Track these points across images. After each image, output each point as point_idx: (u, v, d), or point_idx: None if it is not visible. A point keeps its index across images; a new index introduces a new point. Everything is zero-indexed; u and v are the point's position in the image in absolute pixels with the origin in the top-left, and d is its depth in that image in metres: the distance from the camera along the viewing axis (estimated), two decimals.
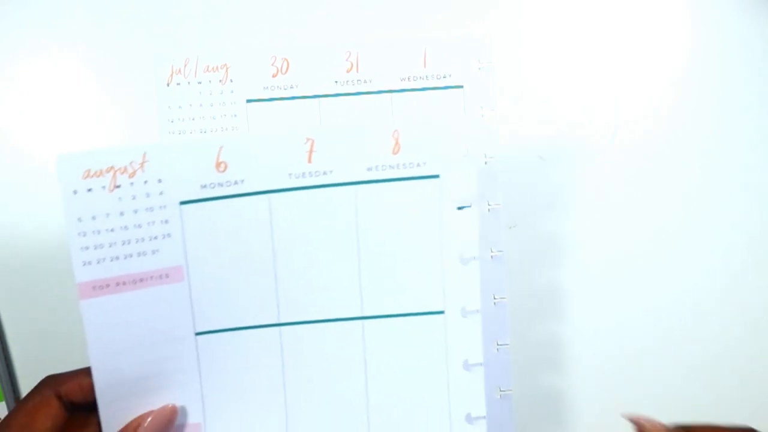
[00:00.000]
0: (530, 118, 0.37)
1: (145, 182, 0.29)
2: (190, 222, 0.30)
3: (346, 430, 0.33)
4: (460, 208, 0.32)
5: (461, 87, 0.35)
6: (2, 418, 0.36)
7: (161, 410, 0.31)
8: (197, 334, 0.31)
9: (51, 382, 0.30)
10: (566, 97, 0.38)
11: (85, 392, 0.30)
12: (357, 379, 0.33)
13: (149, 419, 0.31)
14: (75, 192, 0.28)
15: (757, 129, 0.38)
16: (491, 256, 0.34)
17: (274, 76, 0.33)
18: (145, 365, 0.31)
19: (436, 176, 0.32)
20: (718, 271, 0.39)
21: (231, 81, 0.32)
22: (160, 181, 0.29)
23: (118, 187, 0.29)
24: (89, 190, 0.28)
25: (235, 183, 0.30)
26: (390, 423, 0.33)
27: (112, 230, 0.29)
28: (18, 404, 0.29)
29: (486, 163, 0.33)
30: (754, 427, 0.36)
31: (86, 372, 0.31)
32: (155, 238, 0.30)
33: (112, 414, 0.31)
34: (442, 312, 0.33)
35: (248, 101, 0.33)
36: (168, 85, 0.32)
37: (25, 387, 0.40)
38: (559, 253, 0.39)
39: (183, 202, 0.30)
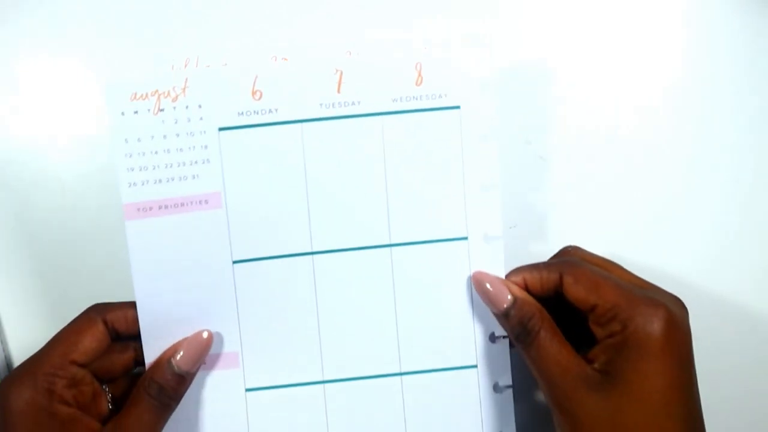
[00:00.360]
0: (530, 118, 0.38)
1: (187, 107, 0.31)
2: (227, 148, 0.32)
3: (377, 353, 0.34)
4: (480, 138, 0.34)
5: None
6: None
7: (196, 336, 0.32)
8: (234, 262, 0.33)
9: (98, 308, 0.31)
10: (566, 96, 0.38)
11: (129, 323, 0.32)
12: (386, 303, 0.34)
13: (184, 347, 0.32)
14: (122, 113, 0.30)
15: (758, 128, 0.38)
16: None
17: None
18: (185, 291, 0.32)
19: (457, 107, 0.33)
20: (718, 271, 0.39)
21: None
22: (200, 106, 0.31)
23: (162, 110, 0.30)
24: (135, 112, 0.30)
25: (270, 111, 0.32)
26: (418, 345, 0.34)
27: (155, 153, 0.30)
28: (67, 325, 0.31)
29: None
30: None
31: (131, 305, 0.32)
32: (195, 162, 0.31)
33: (153, 339, 0.32)
34: (465, 238, 0.34)
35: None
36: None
37: None
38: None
39: (221, 129, 0.31)
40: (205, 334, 0.32)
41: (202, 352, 0.32)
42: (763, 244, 0.39)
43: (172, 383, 0.30)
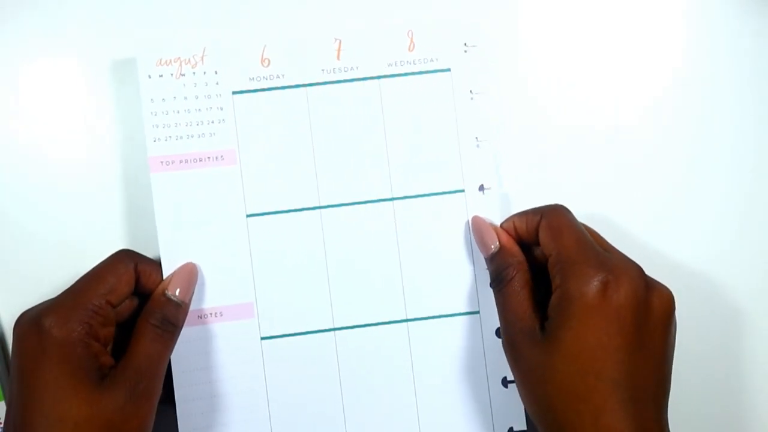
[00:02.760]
0: (530, 118, 0.39)
1: (204, 73, 0.35)
2: (240, 110, 0.35)
3: (384, 301, 0.36)
4: (471, 97, 0.37)
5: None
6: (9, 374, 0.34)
7: (183, 268, 0.34)
8: (248, 216, 0.36)
9: (131, 255, 0.33)
10: (566, 96, 0.39)
11: (149, 281, 0.34)
12: (391, 253, 0.36)
13: (174, 278, 0.34)
14: (149, 76, 0.34)
15: (758, 128, 0.39)
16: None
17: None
18: (203, 242, 0.35)
19: (448, 70, 0.37)
20: (718, 269, 0.39)
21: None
22: (216, 72, 0.35)
23: (183, 75, 0.35)
24: (160, 75, 0.34)
25: (277, 77, 0.36)
26: (422, 292, 0.36)
27: (177, 112, 0.35)
28: (102, 264, 0.32)
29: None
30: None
31: (158, 265, 0.34)
32: (212, 122, 0.35)
33: None
34: (462, 191, 0.36)
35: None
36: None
37: None
38: None
39: (235, 92, 0.35)
40: (189, 266, 0.35)
41: (191, 280, 0.34)
42: (764, 244, 0.39)
43: (172, 310, 0.33)
